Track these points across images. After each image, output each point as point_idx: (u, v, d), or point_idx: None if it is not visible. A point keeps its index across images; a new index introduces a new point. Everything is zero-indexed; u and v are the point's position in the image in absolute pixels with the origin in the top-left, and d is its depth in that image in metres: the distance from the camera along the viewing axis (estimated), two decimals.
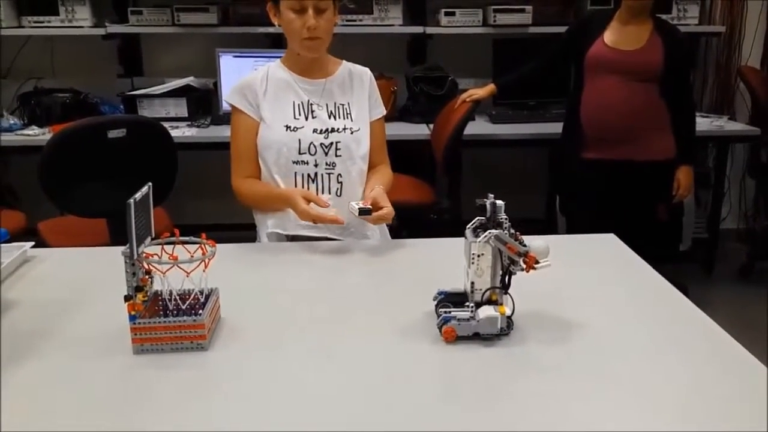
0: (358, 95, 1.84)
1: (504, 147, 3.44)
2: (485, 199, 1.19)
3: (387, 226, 1.86)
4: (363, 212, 1.62)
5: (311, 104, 1.78)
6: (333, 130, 1.76)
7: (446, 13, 3.44)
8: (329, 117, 1.78)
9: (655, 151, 2.70)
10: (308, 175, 1.76)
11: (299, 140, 1.74)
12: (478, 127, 3.37)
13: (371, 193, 1.68)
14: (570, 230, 2.96)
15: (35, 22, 3.39)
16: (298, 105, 1.78)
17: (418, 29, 3.50)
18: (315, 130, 1.75)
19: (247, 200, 1.81)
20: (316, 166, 1.75)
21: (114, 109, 3.46)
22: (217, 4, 3.41)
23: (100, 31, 3.40)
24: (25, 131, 3.17)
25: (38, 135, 3.11)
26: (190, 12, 3.38)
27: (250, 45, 3.54)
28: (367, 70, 1.88)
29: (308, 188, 1.76)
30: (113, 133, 2.32)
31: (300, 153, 1.74)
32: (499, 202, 1.18)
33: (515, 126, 3.36)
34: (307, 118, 1.76)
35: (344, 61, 1.86)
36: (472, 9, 3.46)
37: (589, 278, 1.50)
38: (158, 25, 3.42)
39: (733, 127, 3.51)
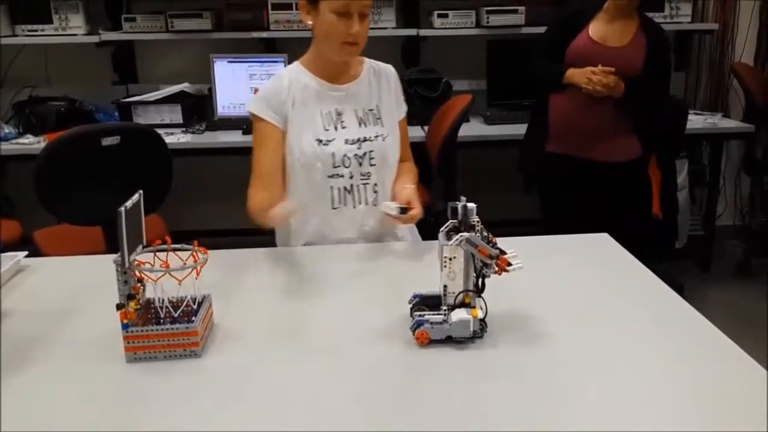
0: (385, 96, 1.77)
1: (499, 148, 3.44)
2: (457, 202, 1.19)
3: (417, 226, 1.83)
4: (402, 212, 1.58)
5: (339, 113, 1.71)
6: (365, 140, 1.70)
7: (439, 15, 3.45)
8: (359, 125, 1.72)
9: (616, 153, 2.63)
10: (344, 188, 1.70)
11: (332, 154, 1.67)
12: (473, 128, 3.37)
13: (405, 192, 1.64)
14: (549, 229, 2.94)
15: (29, 30, 3.39)
16: (326, 114, 1.70)
17: (412, 31, 3.50)
18: (347, 141, 1.69)
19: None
20: (351, 177, 1.70)
21: (109, 117, 3.46)
22: (210, 10, 3.42)
23: (94, 39, 3.40)
24: (21, 140, 3.17)
25: (33, 144, 3.11)
26: (183, 18, 3.38)
27: (244, 50, 3.55)
28: (391, 67, 1.81)
29: (344, 201, 1.71)
30: (107, 141, 2.32)
31: (334, 167, 1.68)
32: (471, 205, 1.18)
33: (510, 127, 3.35)
34: (336, 129, 1.69)
35: (366, 59, 1.78)
36: (465, 10, 3.47)
37: (579, 279, 1.50)
38: (152, 32, 3.42)
39: (727, 124, 3.51)
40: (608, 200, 2.66)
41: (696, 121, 3.42)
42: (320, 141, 1.67)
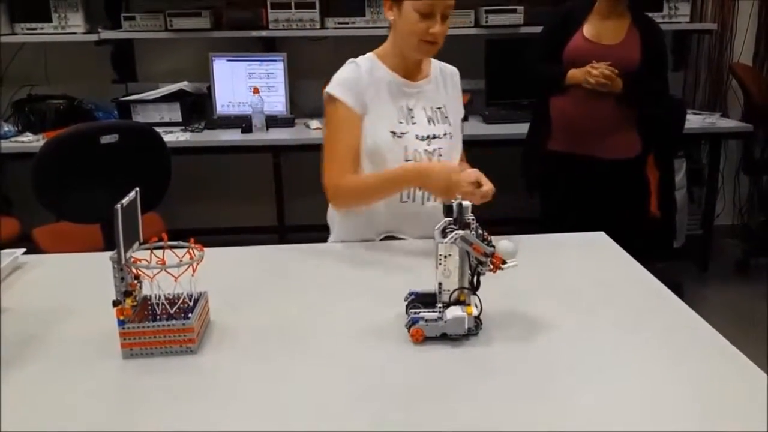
0: (452, 96, 1.81)
1: (498, 147, 3.44)
2: (452, 201, 1.19)
3: None
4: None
5: (410, 109, 1.73)
6: (435, 137, 1.72)
7: None
8: (429, 122, 1.74)
9: (620, 149, 2.65)
10: None
11: (405, 147, 1.68)
12: (472, 127, 3.37)
13: (472, 172, 1.57)
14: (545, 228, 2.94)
15: (28, 29, 3.40)
16: (400, 108, 1.71)
17: None
18: (417, 137, 1.70)
19: (356, 194, 1.68)
20: None
21: (108, 115, 3.46)
22: (209, 9, 3.42)
23: (93, 37, 3.41)
24: (20, 138, 3.18)
25: (32, 142, 3.12)
26: (182, 17, 3.39)
27: (243, 49, 3.56)
28: (455, 69, 1.85)
29: (413, 197, 1.71)
30: (105, 139, 2.32)
31: (406, 160, 1.69)
32: (466, 203, 1.19)
33: (509, 126, 3.36)
34: (408, 124, 1.71)
35: (432, 59, 1.81)
36: (464, 10, 3.47)
37: (575, 277, 1.50)
38: (151, 31, 3.43)
39: (726, 123, 3.52)
40: (606, 198, 2.67)
41: (694, 120, 3.43)
42: (394, 133, 1.69)
